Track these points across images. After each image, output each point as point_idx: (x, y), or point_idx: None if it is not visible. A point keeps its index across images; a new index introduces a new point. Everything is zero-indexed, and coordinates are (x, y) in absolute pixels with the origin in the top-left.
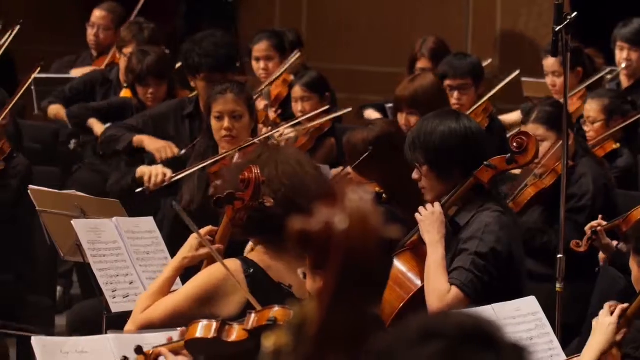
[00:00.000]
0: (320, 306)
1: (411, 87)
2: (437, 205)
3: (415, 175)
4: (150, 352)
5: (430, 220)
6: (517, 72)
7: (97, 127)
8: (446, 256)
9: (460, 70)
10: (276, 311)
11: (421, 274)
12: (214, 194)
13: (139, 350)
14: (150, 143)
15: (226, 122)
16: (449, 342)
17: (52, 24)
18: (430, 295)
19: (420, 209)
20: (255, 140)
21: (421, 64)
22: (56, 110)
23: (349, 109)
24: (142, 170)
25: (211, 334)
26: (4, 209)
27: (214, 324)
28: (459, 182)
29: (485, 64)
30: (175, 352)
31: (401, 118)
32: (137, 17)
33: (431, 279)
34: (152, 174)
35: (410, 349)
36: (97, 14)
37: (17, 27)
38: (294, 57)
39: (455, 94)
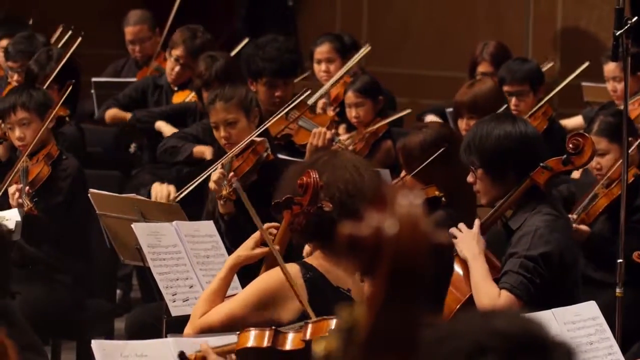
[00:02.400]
0: (370, 311)
1: (470, 93)
2: (476, 222)
3: (470, 178)
4: (194, 356)
5: (465, 237)
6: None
7: (166, 129)
8: (501, 261)
9: (518, 76)
10: (336, 322)
11: None
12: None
13: (182, 355)
14: (210, 153)
15: (222, 131)
16: (501, 357)
17: (113, 27)
18: (483, 303)
19: (453, 230)
20: (253, 137)
21: (482, 68)
22: (113, 112)
23: (408, 111)
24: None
25: (265, 343)
26: (58, 211)
27: (267, 333)
28: (513, 186)
29: (545, 67)
30: (222, 355)
31: (462, 123)
32: (185, 21)
33: (479, 289)
34: (158, 193)
35: None
36: (130, 31)
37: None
38: (358, 56)
39: (513, 99)
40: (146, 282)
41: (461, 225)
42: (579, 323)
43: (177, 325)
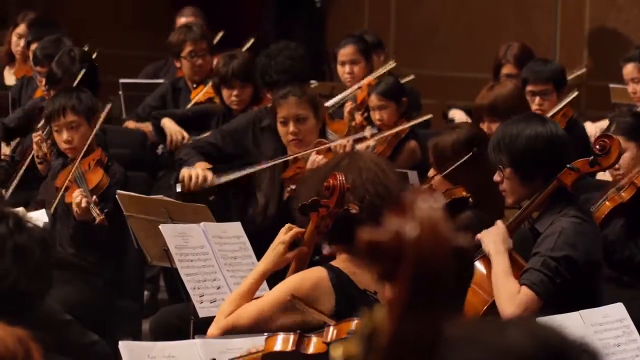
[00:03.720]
0: (391, 316)
1: (490, 96)
2: (499, 222)
3: (496, 177)
4: None
5: (493, 233)
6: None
7: (169, 125)
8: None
9: (542, 76)
10: (356, 323)
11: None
12: (294, 201)
13: None
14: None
15: (291, 127)
16: None
17: (138, 28)
18: (501, 299)
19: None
20: (330, 145)
21: (506, 70)
22: (132, 124)
23: (430, 115)
24: (183, 172)
25: (289, 347)
26: (109, 217)
27: (292, 337)
28: (540, 186)
29: (575, 74)
30: None
31: (483, 127)
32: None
33: (500, 285)
34: (193, 175)
35: None
36: (184, 21)
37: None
38: (387, 67)
39: (537, 99)
40: (173, 283)
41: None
42: (606, 325)
43: (204, 327)
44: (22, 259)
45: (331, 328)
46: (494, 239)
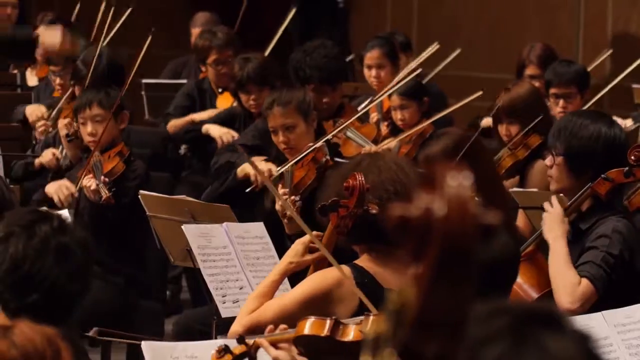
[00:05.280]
0: (419, 292)
1: (507, 97)
2: (555, 202)
3: (547, 161)
4: (252, 342)
5: (553, 216)
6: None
7: (214, 130)
8: None
9: (566, 78)
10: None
11: (537, 285)
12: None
13: (240, 339)
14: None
15: (280, 136)
16: (514, 317)
17: (157, 27)
18: (560, 288)
19: (546, 204)
20: (316, 146)
21: (529, 70)
22: (174, 123)
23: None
24: (245, 169)
25: (324, 332)
26: (124, 212)
27: (328, 322)
28: (587, 183)
29: (592, 66)
30: (276, 345)
31: (502, 129)
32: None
33: (559, 273)
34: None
35: (479, 324)
36: (197, 32)
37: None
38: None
39: (561, 102)
40: (195, 283)
41: (549, 203)
42: (629, 325)
43: (226, 327)
44: (65, 259)
45: (371, 317)
46: (550, 225)
